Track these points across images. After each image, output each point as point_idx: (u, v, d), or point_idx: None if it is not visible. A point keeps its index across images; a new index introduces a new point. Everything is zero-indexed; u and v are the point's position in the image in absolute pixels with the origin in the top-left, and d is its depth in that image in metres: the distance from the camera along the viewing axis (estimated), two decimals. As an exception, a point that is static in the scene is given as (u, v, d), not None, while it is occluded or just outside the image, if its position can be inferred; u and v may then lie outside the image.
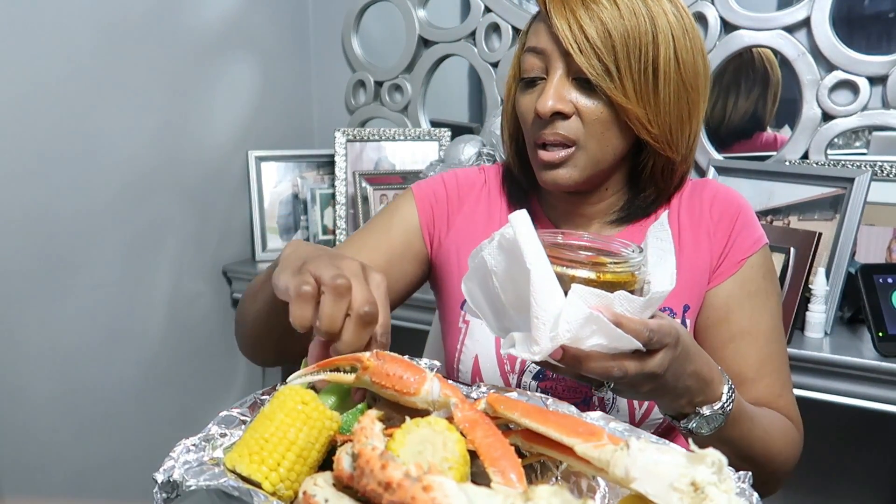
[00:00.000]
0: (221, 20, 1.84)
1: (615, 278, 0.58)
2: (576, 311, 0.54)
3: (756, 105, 1.76)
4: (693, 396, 0.68)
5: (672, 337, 0.60)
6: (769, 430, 0.78)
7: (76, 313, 1.57)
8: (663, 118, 0.82)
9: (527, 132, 0.85)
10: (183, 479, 0.50)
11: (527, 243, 0.56)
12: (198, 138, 1.82)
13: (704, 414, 0.69)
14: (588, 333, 0.55)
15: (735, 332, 0.85)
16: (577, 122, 0.80)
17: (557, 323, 0.55)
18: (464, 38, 1.93)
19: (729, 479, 0.44)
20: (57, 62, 1.47)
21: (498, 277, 0.59)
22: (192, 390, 1.88)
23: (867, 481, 1.69)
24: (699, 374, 0.67)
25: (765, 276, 0.87)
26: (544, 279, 0.55)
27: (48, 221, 1.49)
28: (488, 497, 0.41)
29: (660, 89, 0.80)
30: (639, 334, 0.57)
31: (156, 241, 1.73)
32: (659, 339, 0.59)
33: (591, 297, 0.55)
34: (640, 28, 0.78)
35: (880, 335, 1.28)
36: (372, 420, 0.48)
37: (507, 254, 0.58)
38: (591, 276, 0.58)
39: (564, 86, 0.80)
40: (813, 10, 1.52)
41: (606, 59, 0.77)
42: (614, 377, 0.58)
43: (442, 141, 1.99)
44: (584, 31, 0.77)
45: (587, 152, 0.82)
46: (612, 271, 0.59)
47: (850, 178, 1.42)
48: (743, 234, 0.87)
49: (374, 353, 0.55)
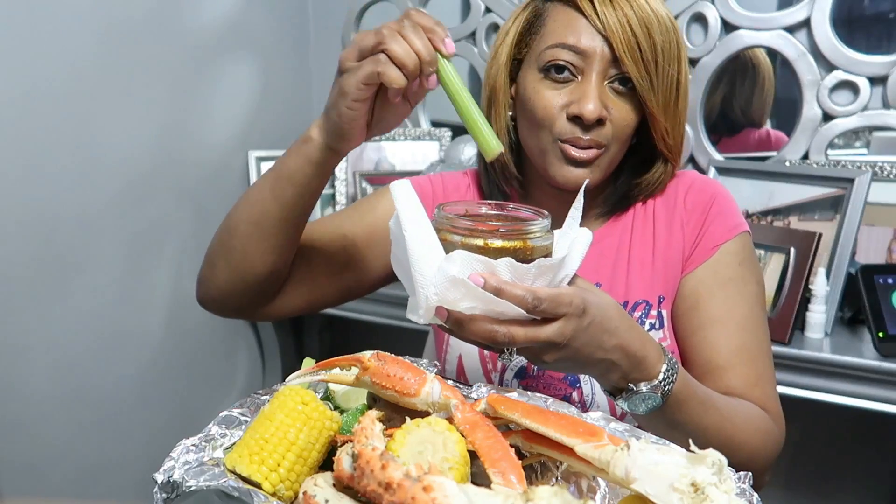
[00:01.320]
0: (221, 20, 1.84)
1: (504, 245, 0.58)
2: (443, 274, 0.55)
3: (746, 102, 1.76)
4: (625, 373, 0.65)
5: (573, 307, 0.58)
6: (730, 419, 0.75)
7: (76, 314, 1.57)
8: (678, 130, 0.84)
9: (546, 128, 0.82)
10: (183, 480, 0.50)
11: (405, 211, 0.58)
12: (198, 138, 1.82)
13: (640, 391, 0.66)
14: (458, 296, 0.56)
15: (705, 320, 0.84)
16: (609, 127, 0.80)
17: (429, 286, 0.56)
18: (464, 39, 1.93)
19: (729, 480, 0.44)
20: (57, 62, 1.47)
21: (398, 247, 0.61)
22: (192, 390, 1.88)
23: (867, 481, 1.69)
24: (626, 349, 0.64)
25: (741, 262, 0.85)
26: (421, 244, 0.57)
27: (48, 222, 1.49)
28: (488, 497, 0.41)
29: (679, 102, 0.82)
30: (521, 300, 0.56)
31: (156, 241, 1.73)
32: (552, 307, 0.57)
33: (474, 262, 0.56)
34: (671, 41, 0.79)
35: (880, 335, 1.28)
36: (372, 420, 0.48)
37: (397, 223, 0.60)
38: (480, 243, 0.58)
39: (603, 90, 0.79)
40: (813, 10, 1.52)
41: (651, 68, 0.78)
42: (500, 342, 0.58)
43: (442, 141, 1.99)
44: (636, 37, 0.77)
45: (609, 155, 0.82)
46: (502, 238, 0.58)
47: (850, 178, 1.42)
48: (717, 221, 0.86)
49: (374, 354, 0.55)
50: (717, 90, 1.74)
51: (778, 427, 0.82)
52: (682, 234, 0.87)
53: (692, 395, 0.71)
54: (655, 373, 0.67)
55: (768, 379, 0.84)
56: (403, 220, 0.58)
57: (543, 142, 0.82)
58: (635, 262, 0.88)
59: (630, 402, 0.67)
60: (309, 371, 0.59)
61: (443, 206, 0.63)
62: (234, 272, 0.82)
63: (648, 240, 0.89)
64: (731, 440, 0.74)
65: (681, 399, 0.69)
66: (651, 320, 0.86)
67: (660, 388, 0.67)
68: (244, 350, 2.07)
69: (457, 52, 0.71)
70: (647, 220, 0.90)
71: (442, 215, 0.61)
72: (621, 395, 0.68)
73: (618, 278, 0.88)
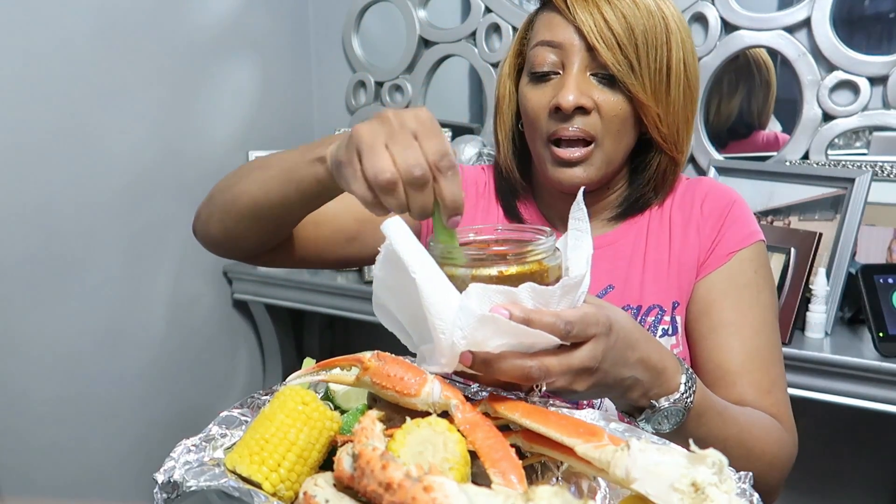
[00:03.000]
0: (221, 20, 1.84)
1: (521, 271, 0.53)
2: (467, 313, 0.50)
3: (751, 103, 1.76)
4: (646, 389, 0.62)
5: (601, 326, 0.55)
6: (749, 429, 0.73)
7: (76, 313, 1.57)
8: (672, 118, 0.82)
9: (537, 129, 0.83)
10: (183, 480, 0.50)
11: (406, 251, 0.51)
12: (198, 138, 1.82)
13: (662, 407, 0.63)
14: (488, 335, 0.50)
15: (717, 323, 0.82)
16: (596, 118, 0.80)
17: (454, 330, 0.50)
18: (464, 39, 1.93)
19: (729, 480, 0.44)
20: (57, 62, 1.47)
21: (394, 292, 0.54)
22: (193, 390, 1.88)
23: (867, 481, 1.69)
24: (647, 362, 0.61)
25: (757, 270, 0.85)
26: (433, 285, 0.50)
27: (48, 221, 1.49)
28: (489, 497, 0.41)
29: (671, 89, 0.81)
30: (553, 327, 0.51)
31: (156, 241, 1.73)
32: (582, 330, 0.53)
33: (493, 294, 0.51)
34: (656, 27, 0.79)
35: (881, 335, 1.28)
36: (372, 421, 0.48)
37: (393, 266, 0.53)
38: (493, 272, 0.53)
39: (584, 80, 0.79)
40: (813, 10, 1.52)
41: (630, 54, 0.78)
42: (536, 377, 0.52)
43: (442, 141, 1.98)
44: (609, 25, 0.77)
45: (603, 150, 0.81)
46: (517, 263, 0.53)
47: (850, 178, 1.42)
48: (733, 229, 0.86)
49: (374, 354, 0.55)
50: (736, 95, 1.74)
51: (790, 437, 0.80)
52: (699, 240, 0.87)
53: (711, 405, 0.68)
54: (675, 384, 0.64)
55: (781, 387, 0.82)
56: (409, 262, 0.51)
57: (538, 145, 0.84)
58: (650, 266, 0.87)
59: (653, 420, 0.64)
60: (309, 371, 0.58)
61: (435, 240, 0.58)
62: (229, 239, 0.84)
63: (664, 244, 0.88)
64: (751, 451, 0.72)
65: (701, 411, 0.66)
66: (664, 326, 0.85)
67: (682, 401, 0.64)
68: (244, 350, 2.07)
69: (457, 52, 0.69)
70: (662, 225, 0.89)
71: (441, 248, 0.56)
72: (642, 413, 0.64)
73: (631, 282, 0.87)
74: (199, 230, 0.88)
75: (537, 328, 0.51)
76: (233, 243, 0.85)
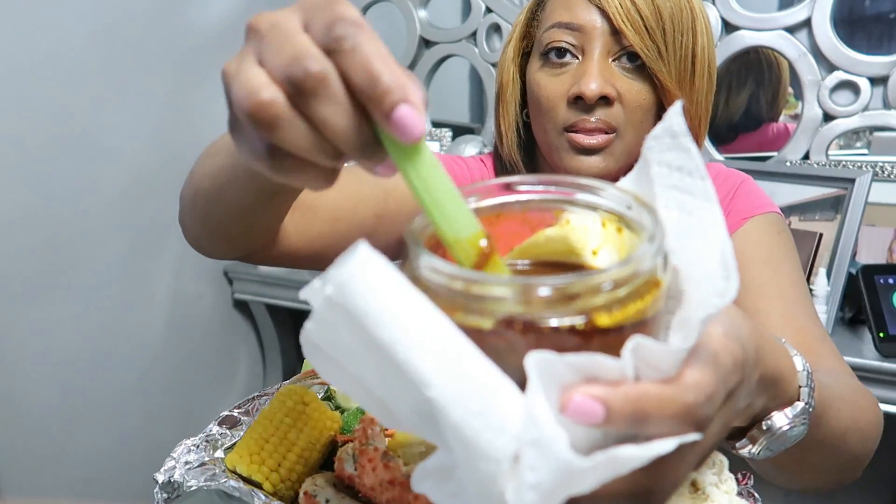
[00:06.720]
0: (221, 20, 1.84)
1: (624, 317, 0.28)
2: (548, 446, 0.26)
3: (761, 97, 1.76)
4: (766, 409, 0.44)
5: (740, 371, 0.33)
6: (853, 401, 0.57)
7: (77, 314, 1.57)
8: (695, 108, 0.77)
9: (551, 119, 0.76)
10: (184, 480, 0.50)
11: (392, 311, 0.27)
12: (199, 138, 1.82)
13: (775, 427, 0.44)
14: (588, 478, 0.27)
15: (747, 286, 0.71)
16: (619, 109, 0.73)
17: (516, 459, 0.26)
18: (465, 39, 1.92)
19: (730, 480, 0.44)
20: (57, 62, 1.47)
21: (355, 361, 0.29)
22: (193, 391, 1.89)
23: (867, 481, 1.68)
24: (763, 377, 0.39)
25: (779, 233, 0.79)
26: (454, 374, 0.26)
27: (49, 222, 1.49)
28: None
29: (696, 78, 0.75)
30: (685, 414, 0.29)
31: (157, 241, 1.73)
32: (714, 394, 0.31)
33: (564, 371, 0.27)
34: (682, 10, 0.73)
35: (881, 336, 1.28)
36: (372, 420, 0.48)
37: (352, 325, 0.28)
38: (567, 322, 0.27)
39: (607, 67, 0.72)
40: (814, 10, 1.52)
41: (658, 39, 0.71)
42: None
43: (443, 141, 1.98)
44: (636, 6, 0.70)
45: (624, 142, 0.74)
46: (615, 301, 0.28)
47: (851, 178, 1.42)
48: (745, 198, 0.81)
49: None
50: (744, 90, 1.74)
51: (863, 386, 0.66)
52: None
53: (825, 395, 0.49)
54: (793, 391, 0.44)
55: (826, 334, 0.73)
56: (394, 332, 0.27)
57: (551, 135, 0.77)
58: None
59: (766, 446, 0.45)
60: (309, 372, 0.58)
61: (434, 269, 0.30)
62: (212, 242, 0.71)
63: None
64: (864, 430, 0.58)
65: (819, 412, 0.47)
66: None
67: (806, 412, 0.45)
68: (244, 350, 2.07)
69: (457, 52, 0.64)
70: None
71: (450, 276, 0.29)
72: (746, 438, 0.45)
73: None
74: (185, 236, 0.78)
75: (660, 426, 0.28)
76: (214, 248, 0.73)
